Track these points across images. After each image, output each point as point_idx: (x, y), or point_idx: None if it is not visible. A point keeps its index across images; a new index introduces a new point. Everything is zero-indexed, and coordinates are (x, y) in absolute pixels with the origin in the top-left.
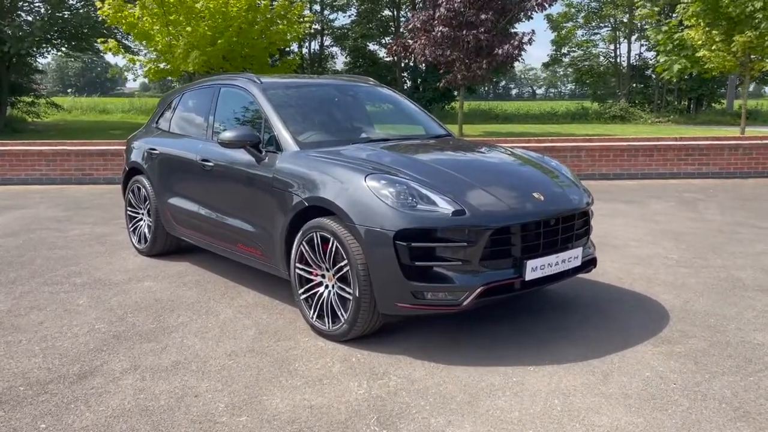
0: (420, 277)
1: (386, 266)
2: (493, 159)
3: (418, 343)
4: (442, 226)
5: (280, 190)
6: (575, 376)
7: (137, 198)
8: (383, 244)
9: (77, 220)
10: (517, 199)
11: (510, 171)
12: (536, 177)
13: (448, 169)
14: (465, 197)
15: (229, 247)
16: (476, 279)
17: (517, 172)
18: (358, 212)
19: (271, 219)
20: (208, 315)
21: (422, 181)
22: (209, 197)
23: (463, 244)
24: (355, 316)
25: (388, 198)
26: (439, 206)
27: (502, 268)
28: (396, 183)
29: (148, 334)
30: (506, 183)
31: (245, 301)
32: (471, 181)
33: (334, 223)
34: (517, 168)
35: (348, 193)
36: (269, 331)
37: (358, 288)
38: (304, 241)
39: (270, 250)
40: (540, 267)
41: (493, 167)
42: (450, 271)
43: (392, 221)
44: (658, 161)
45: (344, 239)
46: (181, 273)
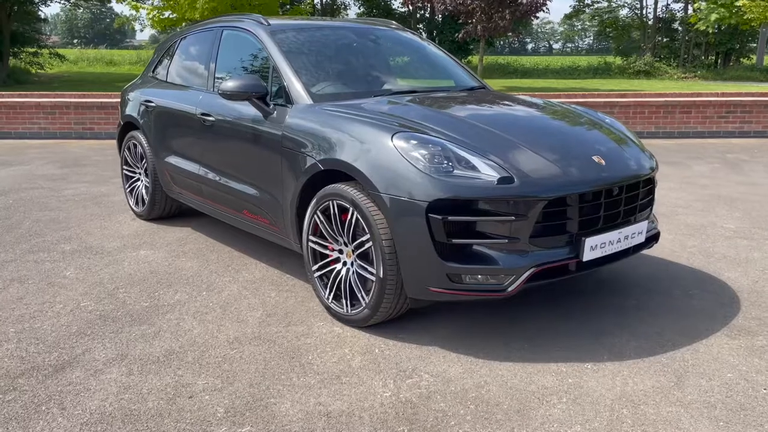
0: (457, 257)
1: (417, 243)
2: (540, 115)
3: (452, 330)
4: (486, 197)
5: (291, 150)
6: (642, 377)
7: (133, 156)
8: (413, 216)
9: (74, 179)
10: (574, 164)
11: (563, 129)
12: (594, 137)
13: (489, 126)
14: (512, 161)
15: (234, 213)
16: (525, 260)
17: (571, 131)
18: (382, 178)
19: (281, 184)
20: (210, 291)
21: (460, 142)
22: (211, 157)
23: (510, 219)
24: (378, 300)
25: (420, 161)
26: (481, 172)
27: (555, 246)
28: (429, 143)
29: (140, 315)
30: (560, 144)
31: (252, 275)
32: (518, 141)
33: (354, 191)
34: (571, 126)
35: (371, 155)
36: (278, 312)
37: (382, 267)
38: (318, 210)
39: (279, 219)
40: (600, 245)
41: (542, 125)
42: (493, 251)
43: (424, 189)
44: (696, 119)
45: (366, 210)
46: (182, 240)
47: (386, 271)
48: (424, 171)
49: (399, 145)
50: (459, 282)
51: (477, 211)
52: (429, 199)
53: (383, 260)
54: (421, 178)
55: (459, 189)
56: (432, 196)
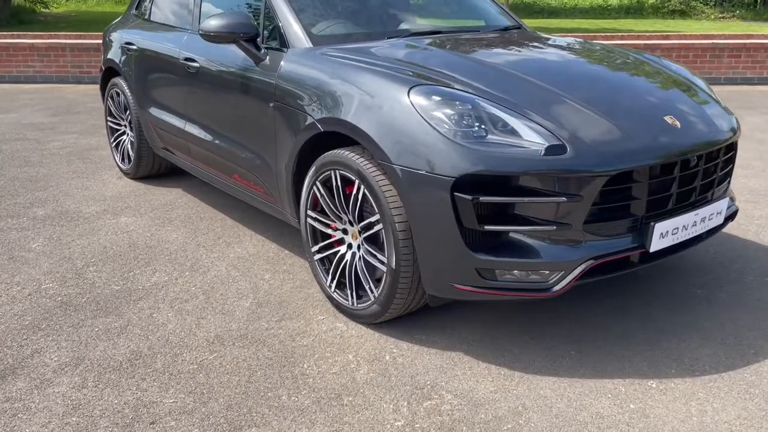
0: (490, 248)
1: (439, 229)
2: (595, 63)
3: (480, 329)
4: (529, 170)
5: (285, 106)
6: (724, 401)
7: (117, 106)
8: (435, 195)
9: (63, 128)
10: (642, 127)
11: (625, 81)
12: (665, 91)
13: (532, 77)
14: (563, 123)
15: (224, 178)
16: (577, 252)
17: (636, 84)
18: (396, 144)
19: (274, 146)
20: (194, 271)
21: (496, 98)
22: (196, 110)
23: (560, 199)
24: (389, 295)
25: (444, 123)
26: (523, 138)
27: (615, 234)
28: (456, 100)
29: (108, 302)
30: (624, 100)
31: (245, 250)
32: (570, 97)
33: (360, 159)
34: (634, 76)
35: (382, 114)
36: (271, 301)
37: (394, 256)
38: (318, 180)
39: (274, 188)
40: (672, 231)
41: (599, 76)
42: (536, 240)
43: (450, 161)
44: (745, 63)
45: (375, 184)
46: (170, 205)
47: (399, 261)
48: (449, 136)
49: (417, 102)
50: (491, 278)
51: (517, 190)
52: (455, 174)
53: (396, 247)
54: (446, 146)
55: (494, 161)
56: (459, 169)
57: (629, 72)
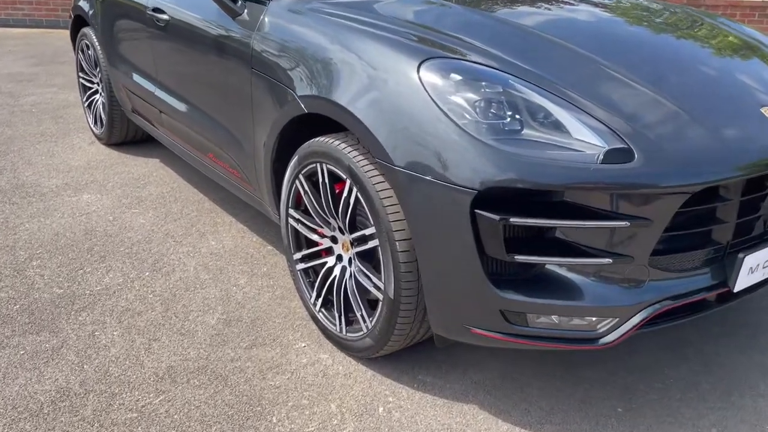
0: (520, 285)
1: (454, 256)
2: (662, 30)
3: (499, 374)
4: (583, 183)
5: (263, 75)
6: None
7: (88, 61)
8: (450, 212)
9: (42, 80)
10: (735, 123)
11: (704, 57)
12: (755, 71)
13: (585, 51)
14: (630, 118)
15: (198, 155)
16: (639, 293)
17: (718, 61)
18: (398, 138)
19: (250, 124)
20: (155, 272)
21: (536, 78)
22: (167, 72)
23: (622, 224)
24: (385, 329)
25: (466, 112)
26: (573, 136)
27: (691, 269)
28: (482, 79)
29: (45, 312)
30: (706, 85)
31: (220, 243)
32: (635, 79)
33: (353, 152)
34: (714, 50)
35: (381, 95)
36: (243, 318)
37: (393, 283)
38: (301, 174)
39: (251, 174)
40: (764, 264)
41: (669, 49)
42: (584, 276)
43: (471, 166)
44: None
45: (371, 188)
46: (142, 180)
47: (400, 290)
48: (470, 131)
49: (430, 82)
50: (520, 324)
51: (561, 208)
52: (478, 185)
53: (396, 272)
54: (466, 144)
55: (532, 168)
56: (484, 178)
57: (707, 43)
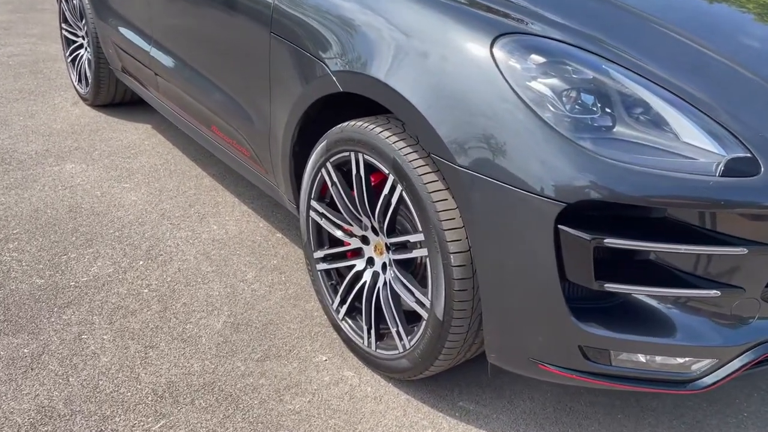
0: (605, 317)
1: (526, 279)
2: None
3: (552, 401)
4: (698, 200)
5: (286, 41)
6: None
7: (72, 11)
8: (527, 226)
9: (20, 29)
10: None
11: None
12: None
13: (697, 36)
14: (753, 120)
15: (200, 127)
16: (746, 331)
17: None
18: (462, 131)
19: (267, 97)
20: (150, 260)
21: (635, 64)
22: (165, 29)
23: (738, 251)
24: (428, 353)
25: (548, 103)
26: (680, 139)
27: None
28: (569, 63)
29: (23, 308)
30: None
31: (222, 228)
32: (753, 70)
33: (399, 142)
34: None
35: (442, 76)
36: (253, 321)
37: (443, 301)
38: (329, 162)
39: (264, 155)
40: None
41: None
42: (679, 309)
43: (555, 172)
44: None
45: (421, 187)
46: (133, 148)
47: (450, 310)
48: (556, 127)
49: (506, 63)
50: (602, 362)
51: (661, 228)
52: (567, 197)
53: (447, 289)
54: (553, 144)
55: (638, 178)
56: (575, 188)
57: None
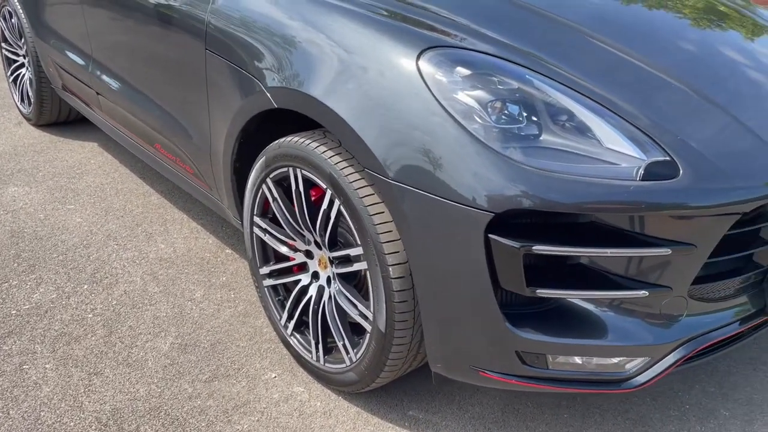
0: (540, 322)
1: (461, 288)
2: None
3: (501, 407)
4: (620, 204)
5: (221, 57)
6: None
7: (11, 30)
8: (458, 236)
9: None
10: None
11: (747, 50)
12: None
13: (615, 41)
14: (670, 123)
15: (144, 146)
16: (675, 329)
17: (762, 55)
18: (392, 145)
19: (205, 114)
20: (95, 284)
21: (557, 72)
22: (104, 47)
23: (663, 251)
24: (373, 365)
25: (476, 116)
26: (603, 145)
27: (730, 296)
28: (495, 73)
29: None
30: (754, 82)
31: (170, 246)
32: (674, 74)
33: (335, 157)
34: (756, 43)
35: (372, 90)
36: (201, 341)
37: (385, 313)
38: (269, 178)
39: (207, 172)
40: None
41: (713, 40)
42: (611, 311)
43: (484, 183)
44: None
45: (358, 202)
46: (78, 168)
47: (392, 322)
48: (483, 138)
49: (432, 76)
50: (539, 366)
51: (589, 233)
52: (495, 206)
53: (388, 302)
54: (480, 155)
55: (562, 185)
56: (502, 198)
57: (744, 32)
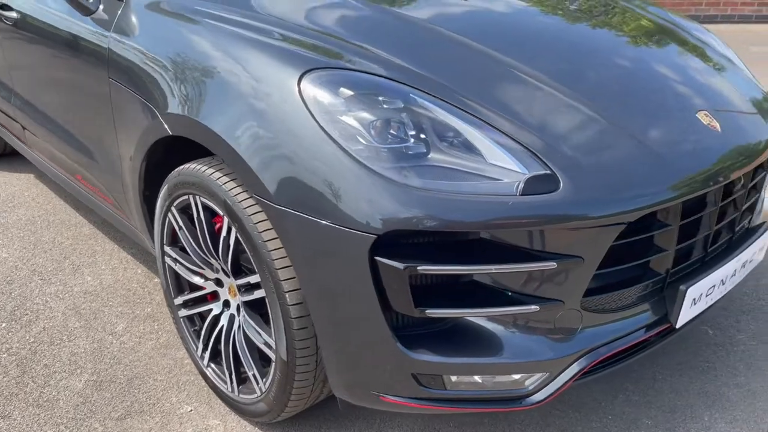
0: (435, 342)
1: (352, 312)
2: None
3: (420, 427)
4: (500, 221)
5: (122, 85)
6: None
7: None
8: (345, 260)
9: None
10: (671, 134)
11: (630, 54)
12: (691, 71)
13: (499, 53)
14: (552, 136)
15: (67, 177)
16: (572, 342)
17: (653, 60)
18: (278, 170)
19: (114, 144)
20: (14, 321)
21: (442, 89)
22: (21, 78)
23: (549, 265)
24: (280, 394)
25: (360, 136)
26: (487, 161)
27: (629, 306)
28: (379, 94)
29: None
30: (638, 89)
31: (97, 278)
32: (557, 86)
33: (229, 183)
34: (649, 48)
35: (257, 115)
36: (117, 377)
37: (285, 342)
38: (173, 206)
39: (123, 202)
40: (707, 292)
41: (596, 47)
42: (508, 327)
43: (368, 204)
44: None
45: (252, 228)
46: (9, 202)
47: (294, 351)
48: (365, 159)
49: (314, 98)
50: (437, 388)
51: (479, 250)
52: (377, 228)
53: (287, 330)
54: (361, 177)
55: (441, 204)
56: (384, 219)
57: (641, 41)
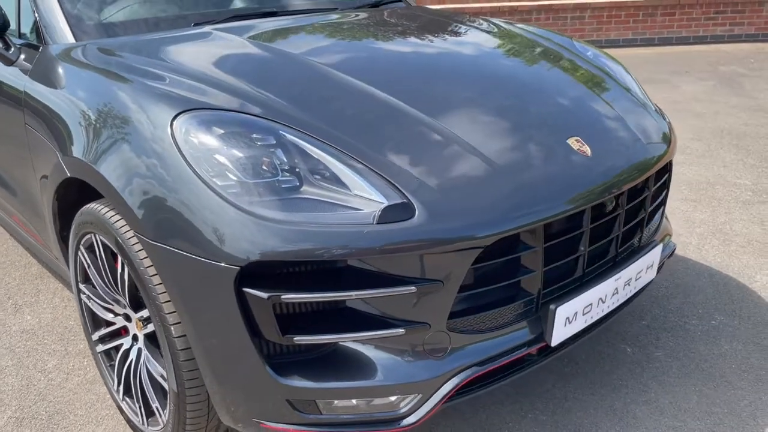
0: (307, 368)
1: (225, 342)
2: (479, 54)
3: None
4: (356, 249)
5: (34, 132)
6: None
7: None
8: (214, 292)
9: None
10: (534, 160)
11: (514, 82)
12: (570, 97)
13: (373, 86)
14: (413, 166)
15: (6, 217)
16: (441, 363)
17: (531, 86)
18: (152, 207)
19: (35, 186)
20: None
21: (311, 126)
22: None
23: (408, 289)
24: (176, 425)
25: (231, 173)
26: (352, 192)
27: (503, 326)
28: (250, 132)
29: None
30: (505, 115)
31: (36, 317)
32: (423, 117)
33: (118, 221)
34: (530, 73)
35: (135, 155)
36: (40, 413)
37: (174, 374)
38: (81, 244)
39: (49, 242)
40: (583, 310)
41: (479, 76)
42: (378, 351)
43: (233, 238)
44: (680, 21)
45: (139, 264)
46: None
47: (182, 382)
48: (229, 196)
49: (184, 138)
50: (312, 413)
51: (345, 277)
52: (240, 261)
53: (175, 361)
54: (224, 212)
55: (299, 235)
56: (247, 251)
57: (522, 65)
